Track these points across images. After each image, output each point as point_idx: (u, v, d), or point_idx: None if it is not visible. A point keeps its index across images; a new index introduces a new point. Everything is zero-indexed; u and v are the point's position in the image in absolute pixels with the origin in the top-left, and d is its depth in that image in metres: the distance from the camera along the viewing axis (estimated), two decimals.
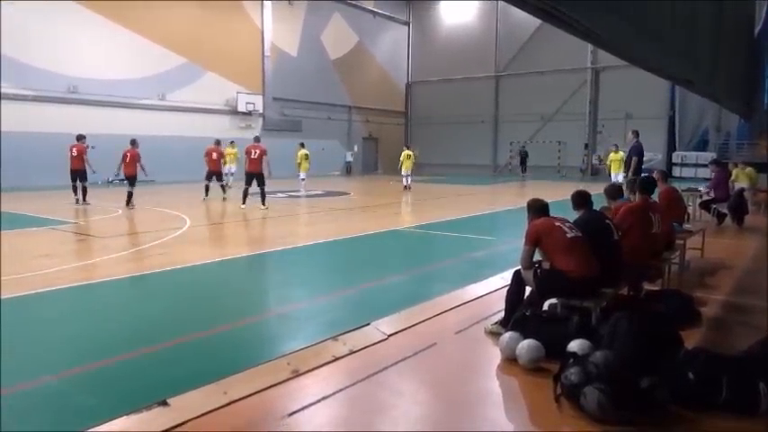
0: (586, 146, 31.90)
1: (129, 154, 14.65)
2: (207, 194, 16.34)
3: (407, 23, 38.45)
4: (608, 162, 17.49)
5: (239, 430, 3.09)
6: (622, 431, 3.00)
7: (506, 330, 4.21)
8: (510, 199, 18.57)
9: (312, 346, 4.28)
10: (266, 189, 14.02)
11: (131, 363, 4.33)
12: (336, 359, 4.02)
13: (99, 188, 20.72)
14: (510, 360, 3.94)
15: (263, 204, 13.80)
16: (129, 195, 14.27)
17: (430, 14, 37.82)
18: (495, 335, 4.41)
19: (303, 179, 18.98)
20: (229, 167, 19.22)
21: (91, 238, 9.67)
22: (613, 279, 4.66)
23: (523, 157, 31.89)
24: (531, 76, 33.42)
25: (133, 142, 14.93)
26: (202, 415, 3.18)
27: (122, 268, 7.41)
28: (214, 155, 16.57)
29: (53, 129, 20.42)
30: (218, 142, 17.29)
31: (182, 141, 23.99)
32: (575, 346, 3.72)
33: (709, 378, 3.25)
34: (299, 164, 19.12)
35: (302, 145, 19.71)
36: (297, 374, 3.73)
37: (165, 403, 3.24)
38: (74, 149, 14.87)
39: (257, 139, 14.96)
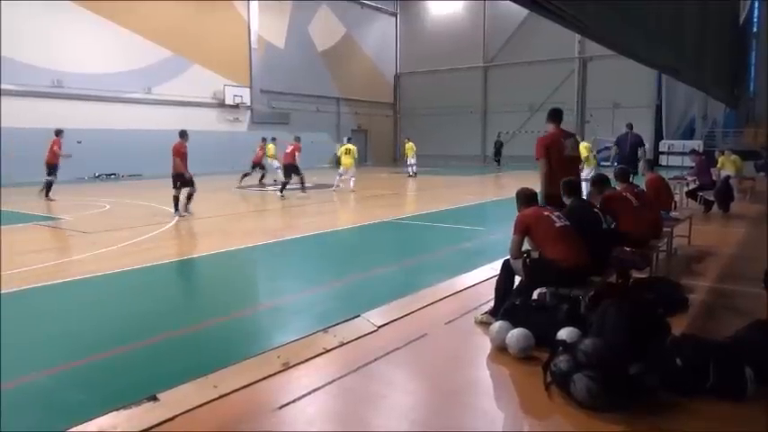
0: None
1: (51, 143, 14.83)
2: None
3: (395, 14, 38.27)
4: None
5: (230, 424, 3.08)
6: (611, 417, 3.03)
7: (496, 320, 4.22)
8: (497, 190, 18.63)
9: (302, 338, 4.27)
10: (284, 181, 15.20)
11: (120, 358, 4.30)
12: (327, 351, 4.01)
13: (85, 183, 20.55)
14: (500, 349, 3.96)
15: (303, 191, 15.60)
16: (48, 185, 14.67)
17: (417, 5, 37.66)
18: (484, 324, 4.42)
19: (341, 174, 18.18)
20: (271, 162, 19.74)
21: (78, 234, 9.58)
22: (602, 267, 4.69)
23: (498, 149, 31.80)
24: (519, 67, 33.41)
25: (58, 132, 15.15)
26: (193, 409, 3.16)
27: (110, 263, 7.34)
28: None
29: (37, 124, 20.13)
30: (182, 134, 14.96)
31: (168, 135, 23.67)
32: (564, 334, 3.74)
33: (696, 364, 3.28)
34: (340, 158, 18.59)
35: (349, 140, 19.27)
36: (287, 367, 3.73)
37: (154, 398, 3.22)
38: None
39: (297, 139, 16.37)
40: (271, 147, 19.67)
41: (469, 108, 35.51)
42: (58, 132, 15.02)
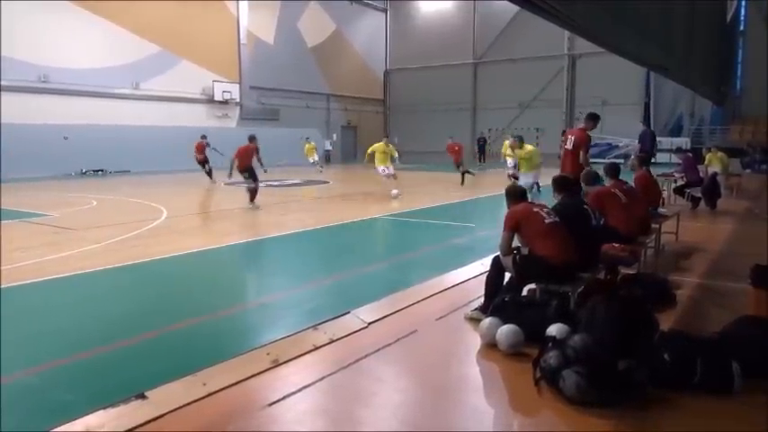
0: (564, 132, 32.09)
1: None
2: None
3: (385, 10, 38.17)
4: None
5: (218, 422, 3.06)
6: (600, 413, 3.04)
7: (486, 316, 4.23)
8: (487, 187, 18.65)
9: (292, 335, 4.26)
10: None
11: (108, 356, 4.26)
12: (317, 348, 4.00)
13: (72, 179, 20.34)
14: (490, 345, 3.96)
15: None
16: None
17: (407, 1, 37.60)
18: (475, 321, 4.43)
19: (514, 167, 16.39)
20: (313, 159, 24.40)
21: (65, 231, 9.48)
22: (591, 263, 4.71)
23: (481, 146, 31.81)
24: (508, 63, 33.48)
25: None
26: (181, 407, 3.14)
27: (97, 260, 7.28)
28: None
29: (23, 120, 19.93)
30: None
31: (157, 131, 23.62)
32: (553, 330, 3.76)
33: (684, 359, 3.31)
34: (505, 154, 17.34)
35: (521, 140, 17.71)
36: (277, 364, 3.71)
37: (143, 396, 3.19)
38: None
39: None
40: None
41: (459, 105, 35.54)
42: (252, 139, 13.92)
